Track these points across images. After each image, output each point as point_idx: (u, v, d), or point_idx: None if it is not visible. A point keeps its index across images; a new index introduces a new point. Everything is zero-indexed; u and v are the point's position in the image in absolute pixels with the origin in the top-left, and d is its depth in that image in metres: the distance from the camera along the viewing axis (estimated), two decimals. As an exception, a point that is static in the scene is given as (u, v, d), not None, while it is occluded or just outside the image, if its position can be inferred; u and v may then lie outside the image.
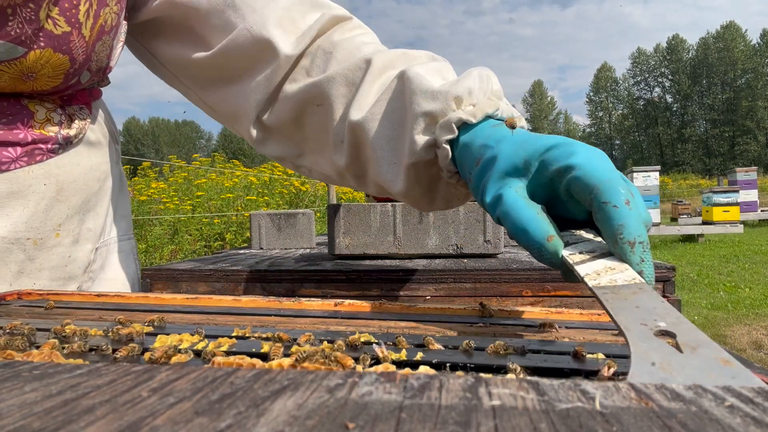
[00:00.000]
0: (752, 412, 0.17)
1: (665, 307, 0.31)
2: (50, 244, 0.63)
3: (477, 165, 0.46)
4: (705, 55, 48.03)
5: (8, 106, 0.58)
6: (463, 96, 0.50)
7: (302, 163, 0.67)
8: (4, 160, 0.58)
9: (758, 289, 4.73)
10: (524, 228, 0.39)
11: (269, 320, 0.47)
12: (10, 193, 0.58)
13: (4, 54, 0.52)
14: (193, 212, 5.18)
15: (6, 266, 0.59)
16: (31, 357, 0.33)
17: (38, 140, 0.60)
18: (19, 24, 0.52)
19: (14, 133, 0.58)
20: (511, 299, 0.69)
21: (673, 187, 21.17)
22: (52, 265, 0.64)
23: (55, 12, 0.54)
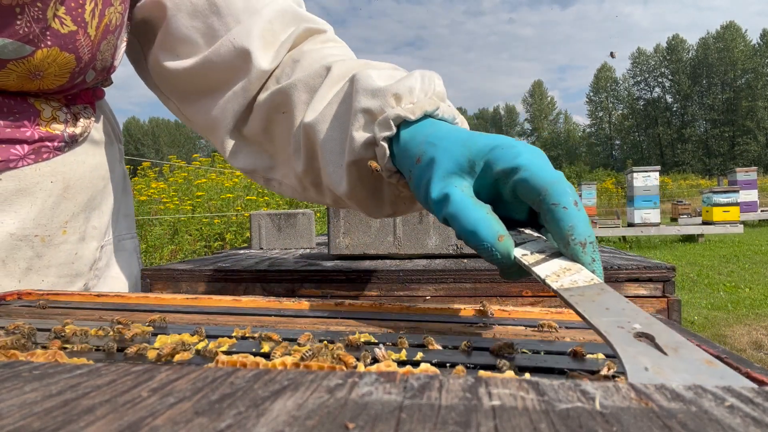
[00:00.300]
0: (752, 412, 0.17)
1: (632, 307, 0.31)
2: (57, 242, 0.63)
3: (417, 163, 0.45)
4: (705, 55, 48.03)
5: (15, 104, 0.59)
6: (403, 94, 0.49)
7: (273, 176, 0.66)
8: (12, 158, 0.58)
9: (758, 289, 4.73)
10: (473, 229, 0.38)
11: (269, 320, 0.47)
12: (18, 191, 0.59)
13: (12, 53, 0.53)
14: (193, 212, 5.18)
15: (15, 263, 0.60)
16: (35, 357, 0.33)
17: (45, 138, 0.61)
18: (27, 23, 0.53)
19: (21, 131, 0.59)
20: (511, 299, 0.69)
21: (673, 187, 21.18)
22: (60, 262, 0.64)
23: (61, 11, 0.55)
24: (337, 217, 0.84)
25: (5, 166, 0.58)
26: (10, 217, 0.59)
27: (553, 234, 0.37)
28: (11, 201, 0.59)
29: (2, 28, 0.51)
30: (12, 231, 0.59)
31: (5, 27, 0.52)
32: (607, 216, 13.88)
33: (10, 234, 0.59)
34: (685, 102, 50.02)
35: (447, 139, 0.44)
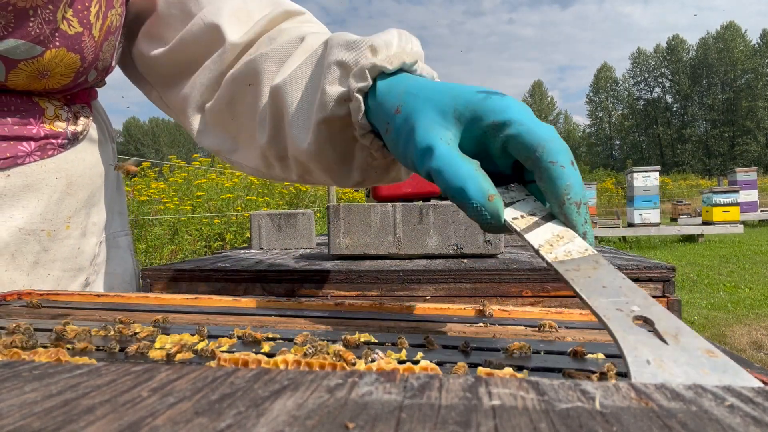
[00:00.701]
0: (752, 412, 0.17)
1: (629, 285, 0.31)
2: (62, 236, 0.65)
3: (397, 113, 0.42)
4: (705, 56, 48.02)
5: (21, 103, 0.61)
6: (380, 46, 0.46)
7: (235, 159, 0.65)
8: (20, 154, 0.60)
9: (758, 289, 4.73)
10: (461, 186, 0.36)
11: (269, 320, 0.47)
12: (26, 186, 0.61)
13: (24, 53, 0.55)
14: (193, 212, 5.18)
15: (23, 257, 0.62)
16: (36, 356, 0.33)
17: (50, 135, 0.63)
18: (39, 24, 0.55)
19: (28, 129, 0.61)
20: (511, 299, 0.69)
21: (673, 187, 21.18)
22: (64, 257, 0.66)
23: (69, 13, 0.57)
24: (338, 217, 0.84)
25: (13, 162, 0.60)
26: (18, 212, 0.60)
27: (547, 192, 0.36)
28: (19, 196, 0.60)
29: (16, 29, 0.54)
30: (21, 225, 0.61)
31: (19, 28, 0.54)
32: (607, 216, 13.88)
33: (18, 228, 0.61)
34: (685, 102, 50.01)
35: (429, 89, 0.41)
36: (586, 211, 0.35)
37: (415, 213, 0.84)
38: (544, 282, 0.68)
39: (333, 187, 5.90)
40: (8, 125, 0.59)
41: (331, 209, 0.84)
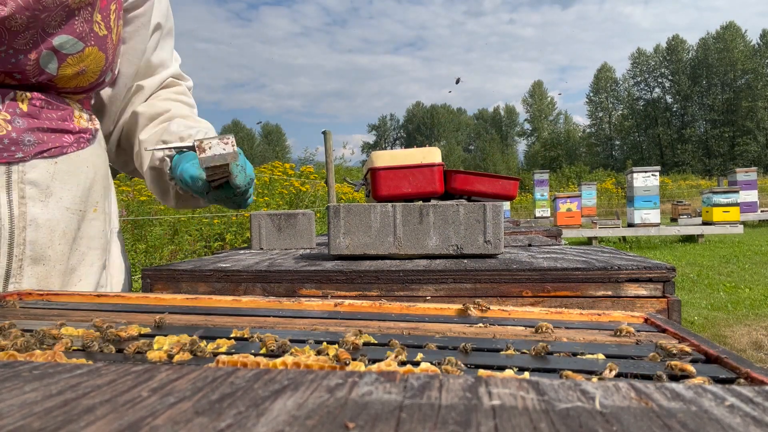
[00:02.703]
0: (752, 412, 0.17)
1: None
2: (90, 217, 0.78)
3: None
4: (705, 56, 48.01)
5: (59, 102, 0.72)
6: (185, 136, 0.85)
7: None
8: (65, 145, 0.73)
9: (758, 289, 4.73)
10: None
11: (269, 321, 0.47)
12: (69, 172, 0.73)
13: (71, 48, 0.68)
14: (193, 212, 5.18)
15: (70, 232, 0.73)
16: (34, 357, 0.33)
17: (81, 130, 0.76)
18: (81, 23, 0.68)
19: (66, 124, 0.73)
20: (511, 299, 0.69)
21: (673, 187, 21.17)
22: (91, 235, 0.78)
23: (98, 17, 0.70)
24: (338, 218, 0.84)
25: (60, 152, 0.72)
26: (65, 194, 0.73)
27: None
28: (64, 180, 0.73)
29: (65, 26, 0.66)
30: (67, 205, 0.73)
31: (67, 25, 0.67)
32: (607, 216, 13.88)
33: (66, 208, 0.73)
34: (685, 102, 50.00)
35: None
36: None
37: (415, 213, 0.84)
38: (544, 282, 0.68)
39: (333, 187, 5.90)
40: (54, 120, 0.71)
41: (331, 209, 0.84)
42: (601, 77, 53.78)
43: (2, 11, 0.60)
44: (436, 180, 1.45)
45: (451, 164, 47.27)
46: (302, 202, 6.54)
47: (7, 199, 0.67)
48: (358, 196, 7.75)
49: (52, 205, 0.71)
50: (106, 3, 0.71)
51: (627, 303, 0.66)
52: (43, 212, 0.70)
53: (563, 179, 31.15)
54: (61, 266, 0.72)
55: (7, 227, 0.66)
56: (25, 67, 0.66)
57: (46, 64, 0.67)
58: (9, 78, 0.66)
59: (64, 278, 0.74)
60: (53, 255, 0.71)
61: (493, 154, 52.21)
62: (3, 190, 0.67)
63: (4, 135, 0.66)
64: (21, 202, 0.68)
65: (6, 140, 0.66)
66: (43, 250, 0.70)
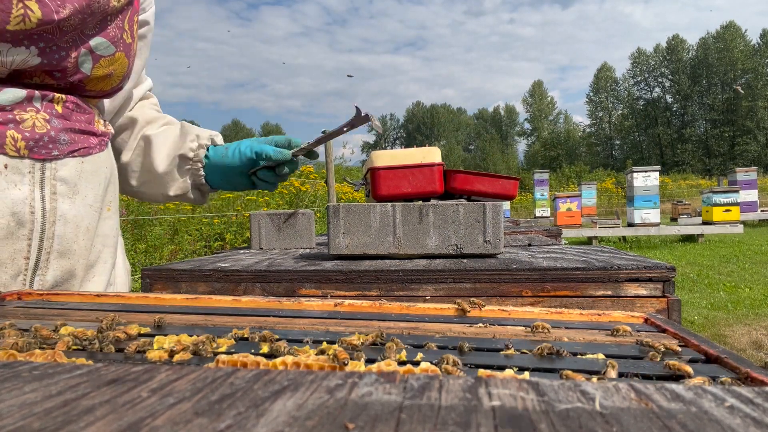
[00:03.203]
0: (752, 413, 0.17)
1: None
2: (105, 216, 0.81)
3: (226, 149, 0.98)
4: (705, 55, 47.98)
5: (86, 106, 0.76)
6: None
7: None
8: (91, 146, 0.77)
9: (758, 289, 4.73)
10: None
11: (269, 321, 0.47)
12: (92, 172, 0.77)
13: (104, 50, 0.72)
14: (193, 212, 5.18)
15: (91, 228, 0.77)
16: (34, 357, 0.33)
17: (102, 134, 0.80)
18: (114, 28, 0.73)
19: (91, 126, 0.77)
20: (511, 299, 0.69)
21: (673, 187, 21.17)
22: (107, 233, 0.81)
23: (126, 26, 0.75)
24: (337, 217, 0.84)
25: (87, 152, 0.76)
26: (89, 192, 0.76)
27: None
28: (89, 179, 0.76)
29: (101, 30, 0.71)
30: (90, 203, 0.76)
31: (103, 29, 0.72)
32: (607, 216, 13.88)
33: (89, 205, 0.76)
34: (685, 102, 49.98)
35: None
36: None
37: (415, 213, 0.84)
38: (544, 282, 0.68)
39: (333, 186, 5.90)
40: (83, 122, 0.75)
41: (331, 209, 0.84)
42: (601, 77, 53.75)
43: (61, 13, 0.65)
44: (436, 180, 1.45)
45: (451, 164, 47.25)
46: (302, 202, 6.54)
47: (40, 194, 0.70)
48: (358, 196, 7.75)
49: (79, 202, 0.74)
50: (132, 14, 0.77)
51: (627, 303, 0.66)
52: (71, 208, 0.73)
53: (563, 179, 31.15)
54: (84, 261, 0.76)
55: (39, 221, 0.70)
56: (66, 65, 0.69)
57: (82, 63, 0.71)
58: (49, 77, 0.70)
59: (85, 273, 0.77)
60: (78, 249, 0.74)
61: (493, 153, 52.20)
62: (37, 186, 0.70)
63: (44, 133, 0.70)
64: (52, 197, 0.71)
65: (46, 138, 0.70)
66: (69, 244, 0.73)
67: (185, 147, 0.96)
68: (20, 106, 0.68)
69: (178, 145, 0.96)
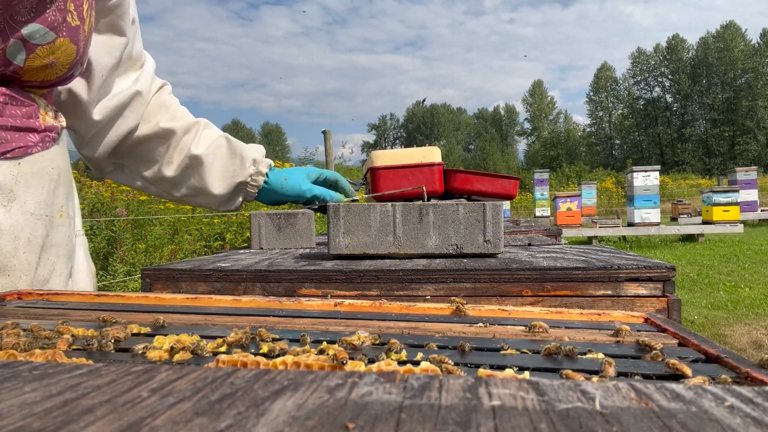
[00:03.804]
0: (752, 413, 0.17)
1: None
2: (57, 223, 0.72)
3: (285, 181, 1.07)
4: (705, 55, 47.96)
5: (23, 97, 0.66)
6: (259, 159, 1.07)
7: None
8: (30, 144, 0.66)
9: (758, 288, 4.73)
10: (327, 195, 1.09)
11: (269, 320, 0.47)
12: (33, 174, 0.67)
13: (41, 38, 0.62)
14: (193, 212, 5.18)
15: (36, 240, 0.67)
16: (34, 357, 0.33)
17: (47, 129, 0.69)
18: (53, 12, 0.63)
19: (31, 121, 0.67)
20: (511, 299, 0.69)
21: (673, 186, 21.17)
22: (59, 243, 0.72)
23: (71, 6, 0.65)
24: (337, 217, 0.84)
25: (24, 152, 0.65)
26: (29, 198, 0.66)
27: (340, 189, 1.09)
28: (29, 183, 0.66)
29: (37, 15, 0.61)
30: (32, 210, 0.66)
31: (40, 14, 0.61)
32: (607, 216, 13.87)
33: (30, 213, 0.66)
34: (685, 102, 49.95)
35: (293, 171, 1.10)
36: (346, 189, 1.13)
37: (415, 213, 0.84)
38: (544, 282, 0.68)
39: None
40: (19, 117, 0.65)
41: (330, 209, 0.84)
42: (601, 76, 53.74)
43: None
44: (436, 179, 1.45)
45: (451, 164, 47.25)
46: (302, 202, 6.54)
47: None
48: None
49: (15, 210, 0.64)
50: None
51: (627, 302, 0.66)
52: (6, 218, 0.63)
53: (563, 178, 31.15)
54: (28, 277, 0.66)
55: None
56: None
57: (13, 54, 0.61)
58: None
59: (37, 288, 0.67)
60: (18, 265, 0.64)
61: (493, 153, 52.20)
62: None
63: None
64: None
65: None
66: (7, 259, 0.63)
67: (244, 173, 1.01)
68: None
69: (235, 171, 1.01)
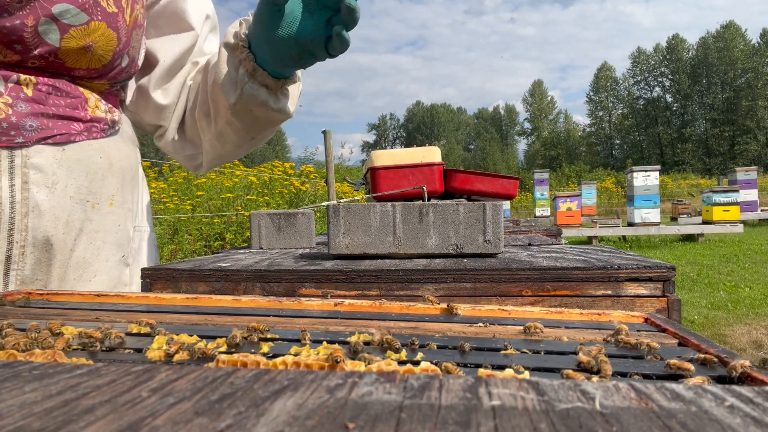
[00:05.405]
0: (752, 412, 0.17)
1: None
2: (105, 211, 0.76)
3: None
4: (705, 55, 47.96)
5: (71, 89, 0.71)
6: None
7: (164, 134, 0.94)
8: (73, 132, 0.72)
9: (758, 288, 4.73)
10: None
11: (269, 320, 0.47)
12: (77, 161, 0.72)
13: (73, 18, 0.66)
14: (193, 212, 5.18)
15: (73, 222, 0.72)
16: (34, 357, 0.33)
17: (94, 120, 0.74)
18: None
19: (76, 112, 0.72)
20: (511, 299, 0.69)
21: (673, 186, 21.18)
22: (106, 229, 0.76)
23: None
24: (337, 217, 0.84)
25: (68, 139, 0.71)
26: (71, 182, 0.71)
27: None
28: (71, 168, 0.71)
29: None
30: (71, 194, 0.71)
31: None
32: (607, 215, 13.88)
33: (70, 197, 0.71)
34: (685, 101, 49.95)
35: None
36: None
37: (415, 213, 0.84)
38: (544, 282, 0.68)
39: (333, 186, 5.90)
40: (62, 107, 0.70)
41: (330, 209, 0.84)
42: (601, 76, 53.74)
43: None
44: (436, 179, 1.45)
45: (451, 163, 47.24)
46: (302, 202, 6.54)
47: (8, 183, 0.66)
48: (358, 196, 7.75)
49: (59, 193, 0.70)
50: None
51: (627, 302, 0.66)
52: (48, 199, 0.69)
53: (563, 178, 31.15)
54: (63, 257, 0.71)
55: (7, 212, 0.66)
56: (23, 33, 0.63)
57: (46, 33, 0.65)
58: (10, 51, 0.64)
59: (76, 272, 0.73)
60: (57, 243, 0.70)
61: (493, 153, 52.21)
62: (5, 175, 0.66)
63: (3, 118, 0.65)
64: (24, 187, 0.67)
65: (5, 124, 0.65)
66: (46, 237, 0.69)
67: (227, 37, 0.80)
68: None
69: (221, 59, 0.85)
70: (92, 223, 0.74)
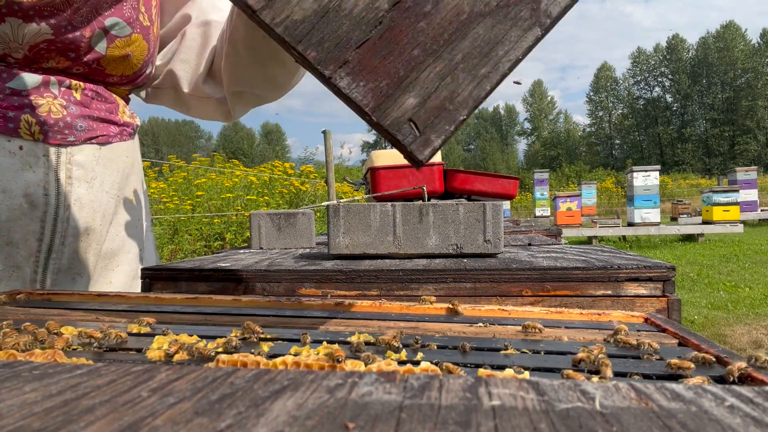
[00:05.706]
0: (752, 412, 0.17)
1: None
2: (128, 206, 0.83)
3: None
4: (705, 55, 47.96)
5: (108, 96, 0.79)
6: None
7: None
8: (111, 134, 0.79)
9: (758, 288, 4.73)
10: None
11: (269, 320, 0.47)
12: (110, 159, 0.79)
13: (120, 31, 0.73)
14: (192, 212, 5.18)
15: (108, 215, 0.79)
16: (34, 357, 0.33)
17: (124, 124, 0.82)
18: (129, 9, 0.74)
19: (112, 116, 0.80)
20: (511, 299, 0.69)
21: (673, 186, 21.18)
22: (130, 223, 0.83)
23: (143, 8, 0.76)
24: (337, 217, 0.84)
25: (106, 140, 0.79)
26: (106, 178, 0.79)
27: None
28: (107, 166, 0.79)
29: (116, 10, 0.72)
30: (107, 189, 0.79)
31: (117, 8, 0.72)
32: (607, 215, 13.88)
33: (105, 191, 0.78)
34: (685, 101, 49.95)
35: None
36: None
37: (415, 213, 0.84)
38: (544, 282, 0.68)
39: (333, 186, 5.90)
40: (103, 111, 0.78)
41: (330, 209, 0.84)
42: (602, 76, 53.73)
43: None
44: (436, 179, 1.45)
45: (451, 163, 47.25)
46: (302, 202, 6.54)
47: (55, 178, 0.72)
48: (358, 196, 7.75)
49: (96, 187, 0.77)
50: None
51: (627, 302, 0.66)
52: (88, 193, 0.76)
53: (563, 178, 31.17)
54: (98, 246, 0.77)
55: (53, 204, 0.72)
56: (80, 44, 0.70)
57: (96, 43, 0.72)
58: (63, 58, 0.70)
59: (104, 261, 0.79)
60: (92, 234, 0.76)
61: (493, 153, 52.21)
62: (52, 169, 0.72)
63: (59, 118, 0.72)
64: (68, 181, 0.73)
65: (61, 123, 0.72)
66: (85, 228, 0.75)
67: None
68: (36, 92, 0.70)
69: None
70: (120, 216, 0.82)
